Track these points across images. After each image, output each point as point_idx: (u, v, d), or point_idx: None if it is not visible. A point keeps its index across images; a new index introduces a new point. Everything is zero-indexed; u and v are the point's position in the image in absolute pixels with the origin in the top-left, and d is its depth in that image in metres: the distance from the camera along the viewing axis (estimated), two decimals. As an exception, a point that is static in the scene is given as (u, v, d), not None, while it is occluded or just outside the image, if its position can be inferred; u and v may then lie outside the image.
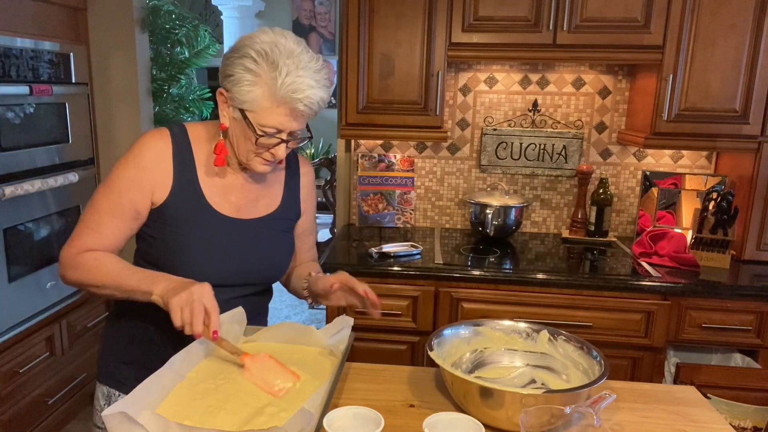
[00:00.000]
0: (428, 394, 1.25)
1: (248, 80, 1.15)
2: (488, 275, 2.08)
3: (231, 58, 1.18)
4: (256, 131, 1.17)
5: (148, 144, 1.23)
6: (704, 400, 1.28)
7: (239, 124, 1.20)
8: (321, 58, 1.22)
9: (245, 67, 1.15)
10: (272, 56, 1.15)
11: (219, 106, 1.22)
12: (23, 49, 2.36)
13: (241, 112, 1.18)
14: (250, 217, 1.30)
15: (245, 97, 1.16)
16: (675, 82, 2.15)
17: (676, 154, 2.55)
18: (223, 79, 1.19)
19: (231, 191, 1.29)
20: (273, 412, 1.02)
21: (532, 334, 1.34)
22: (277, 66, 1.14)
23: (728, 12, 2.09)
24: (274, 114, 1.17)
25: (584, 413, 1.02)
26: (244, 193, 1.31)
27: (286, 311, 4.36)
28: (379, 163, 2.66)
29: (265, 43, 1.16)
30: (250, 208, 1.31)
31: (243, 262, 1.28)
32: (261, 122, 1.17)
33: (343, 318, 1.30)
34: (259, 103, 1.16)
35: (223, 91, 1.20)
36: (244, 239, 1.29)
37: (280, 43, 1.16)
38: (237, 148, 1.24)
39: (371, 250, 2.20)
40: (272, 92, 1.15)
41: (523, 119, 2.58)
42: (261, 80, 1.15)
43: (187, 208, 1.24)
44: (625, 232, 2.63)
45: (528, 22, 2.17)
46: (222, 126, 1.23)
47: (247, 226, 1.29)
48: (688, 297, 2.02)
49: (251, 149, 1.21)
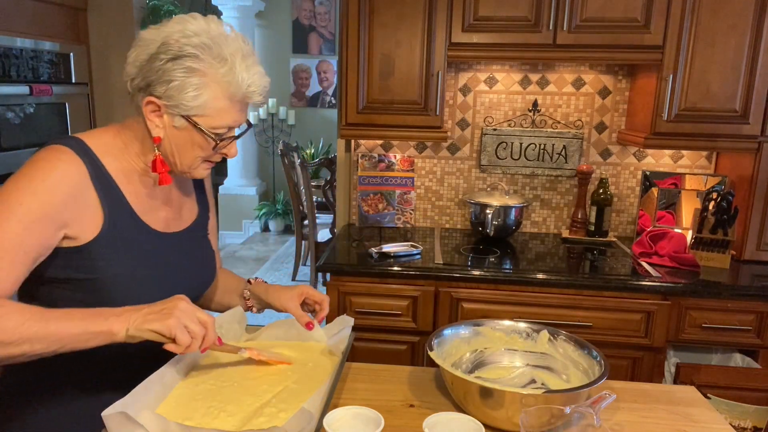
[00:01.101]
0: (428, 394, 1.25)
1: (194, 84, 1.01)
2: (488, 275, 2.08)
3: (160, 60, 1.01)
4: (213, 137, 1.06)
5: (57, 170, 1.00)
6: (704, 400, 1.28)
7: (184, 132, 1.06)
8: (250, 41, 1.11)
9: (187, 69, 1.01)
10: (216, 49, 1.02)
11: (146, 116, 1.05)
12: (23, 49, 2.36)
13: (187, 119, 1.05)
14: (179, 229, 1.20)
15: (193, 103, 1.03)
16: (675, 82, 2.15)
17: (676, 154, 2.55)
18: (153, 86, 1.03)
19: (158, 206, 1.16)
20: (273, 413, 1.02)
21: (532, 334, 1.34)
22: (225, 59, 1.02)
23: (728, 12, 2.09)
24: (228, 113, 1.06)
25: (584, 413, 1.02)
26: (169, 206, 1.19)
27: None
28: (379, 163, 2.66)
29: (200, 36, 1.02)
30: (177, 220, 1.21)
31: (184, 277, 1.18)
32: (214, 125, 1.06)
33: (344, 318, 1.30)
34: (212, 105, 1.04)
35: (155, 99, 1.03)
36: (180, 254, 1.18)
37: (213, 31, 1.03)
38: (179, 158, 1.09)
39: (371, 250, 2.20)
40: (227, 90, 1.04)
41: (523, 119, 2.58)
42: (209, 79, 1.02)
43: (125, 235, 1.08)
44: (625, 232, 2.63)
45: (528, 22, 2.17)
46: (156, 139, 1.07)
47: (179, 239, 1.19)
48: (688, 297, 2.02)
49: (199, 156, 1.10)
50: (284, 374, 1.16)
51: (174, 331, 0.94)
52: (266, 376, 1.15)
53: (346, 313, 1.88)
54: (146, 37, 1.04)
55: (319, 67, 6.62)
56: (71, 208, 1.01)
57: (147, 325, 0.94)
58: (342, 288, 2.10)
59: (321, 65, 6.62)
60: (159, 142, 1.07)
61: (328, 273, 2.14)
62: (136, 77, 1.05)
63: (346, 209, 2.73)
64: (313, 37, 6.55)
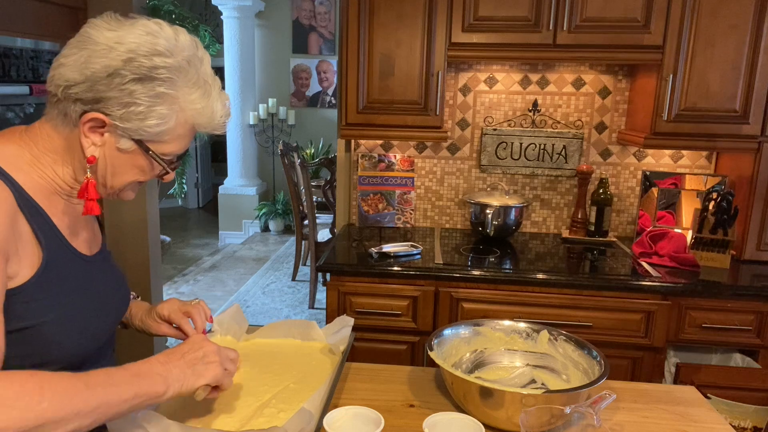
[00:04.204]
0: (428, 394, 1.25)
1: (161, 112, 0.88)
2: (488, 275, 2.08)
3: (123, 78, 0.85)
4: (164, 164, 0.94)
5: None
6: (704, 400, 1.28)
7: (127, 155, 0.91)
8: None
9: (157, 95, 0.87)
10: (192, 73, 0.90)
11: (82, 131, 0.88)
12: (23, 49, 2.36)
13: (139, 143, 0.90)
14: (98, 249, 1.06)
15: (154, 130, 0.89)
16: (675, 82, 2.15)
17: (676, 154, 2.55)
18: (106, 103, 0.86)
19: (80, 227, 1.01)
20: (273, 413, 1.02)
21: (532, 334, 1.34)
22: (199, 86, 0.91)
23: (728, 12, 2.09)
24: (186, 139, 0.94)
25: (584, 413, 1.02)
26: (87, 227, 1.04)
27: (286, 311, 4.36)
28: (379, 163, 2.66)
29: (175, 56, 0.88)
30: (94, 242, 1.06)
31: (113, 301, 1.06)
32: (164, 150, 0.93)
33: (344, 318, 1.30)
34: (173, 132, 0.91)
35: (102, 117, 0.87)
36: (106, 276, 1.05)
37: (186, 50, 0.90)
38: (111, 180, 0.94)
39: (371, 250, 2.20)
40: (194, 119, 0.92)
41: (523, 119, 2.58)
42: (179, 107, 0.90)
43: (61, 268, 0.92)
44: (625, 232, 2.63)
45: (528, 22, 2.17)
46: (91, 159, 0.89)
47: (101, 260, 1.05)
48: (688, 297, 2.02)
49: (137, 179, 0.95)
50: (284, 374, 1.16)
51: (222, 380, 0.94)
52: (266, 375, 1.15)
53: (346, 313, 1.88)
54: (100, 41, 0.87)
55: (319, 67, 6.63)
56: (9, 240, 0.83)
57: (199, 381, 0.91)
58: (342, 288, 2.11)
59: (321, 65, 6.62)
60: (94, 162, 0.90)
61: (328, 273, 2.14)
62: (78, 85, 0.86)
63: (346, 209, 2.73)
64: (313, 37, 6.55)
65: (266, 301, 4.55)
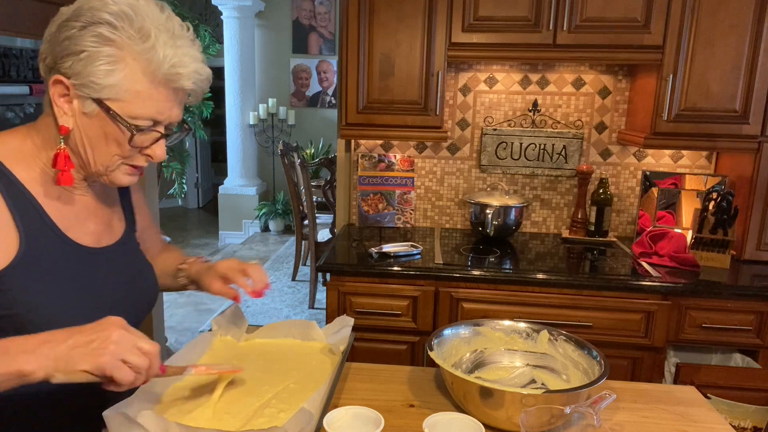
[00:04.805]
0: (428, 394, 1.25)
1: (107, 55, 0.85)
2: (488, 275, 2.08)
3: (70, 28, 0.86)
4: (127, 126, 0.89)
5: None
6: (704, 400, 1.28)
7: (95, 120, 0.89)
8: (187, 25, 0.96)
9: (100, 37, 0.85)
10: (138, 21, 0.87)
11: (53, 100, 0.89)
12: (23, 49, 2.36)
13: (99, 104, 0.88)
14: (111, 242, 1.05)
15: (105, 81, 0.86)
16: (675, 82, 2.15)
17: (676, 154, 2.55)
18: (60, 61, 0.87)
19: (86, 217, 1.00)
20: (273, 413, 1.02)
21: (532, 334, 1.34)
22: (148, 34, 0.87)
23: (728, 12, 2.09)
24: (151, 99, 0.89)
25: (584, 413, 1.02)
26: (99, 217, 1.03)
27: (286, 311, 4.36)
28: (379, 163, 2.66)
29: (119, 4, 0.87)
30: (108, 233, 1.05)
31: (123, 298, 1.05)
32: (132, 112, 0.89)
33: (344, 318, 1.30)
34: (128, 86, 0.87)
35: (62, 78, 0.87)
36: (116, 270, 1.04)
37: (140, 5, 0.89)
38: (92, 155, 0.92)
39: (371, 250, 2.20)
40: (146, 68, 0.87)
41: (523, 119, 2.58)
42: (126, 54, 0.86)
43: (48, 256, 0.92)
44: (625, 232, 2.63)
45: (528, 22, 2.17)
46: (63, 129, 0.90)
47: (112, 253, 1.04)
48: (688, 297, 2.02)
49: (116, 154, 0.92)
50: (284, 374, 1.16)
51: (110, 372, 0.79)
52: (266, 375, 1.15)
53: (346, 313, 1.88)
54: (63, 9, 0.90)
55: (319, 67, 6.63)
56: None
57: (77, 366, 0.78)
58: (342, 288, 2.10)
59: (321, 65, 6.62)
60: (66, 133, 0.90)
61: (328, 273, 2.14)
62: (47, 55, 0.89)
63: (346, 209, 2.73)
64: (313, 37, 6.55)
65: (266, 301, 4.55)
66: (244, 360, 1.20)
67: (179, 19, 0.93)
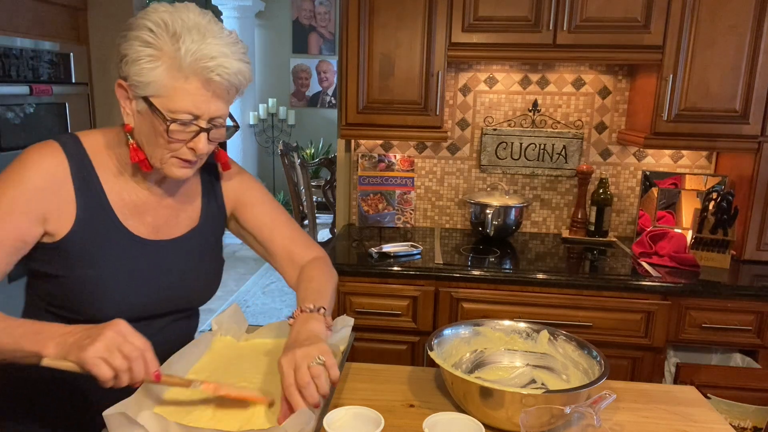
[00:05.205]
0: (428, 394, 1.25)
1: (148, 55, 0.96)
2: (488, 275, 2.08)
3: (124, 37, 1.00)
4: (165, 117, 0.98)
5: (35, 163, 1.00)
6: (704, 400, 1.28)
7: (146, 117, 1.00)
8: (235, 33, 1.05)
9: (142, 41, 0.97)
10: (173, 26, 0.97)
11: (121, 103, 1.02)
12: (23, 49, 2.36)
13: (146, 101, 0.99)
14: (170, 237, 1.13)
15: (147, 78, 0.97)
16: (675, 82, 2.15)
17: (676, 154, 2.55)
18: (120, 66, 1.00)
19: (146, 210, 1.10)
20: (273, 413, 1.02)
21: (532, 334, 1.34)
22: (179, 36, 0.96)
23: (728, 12, 2.09)
24: (185, 93, 0.97)
25: (584, 413, 1.02)
26: (161, 212, 1.12)
27: (286, 311, 4.36)
28: (379, 163, 2.66)
29: (163, 13, 0.98)
30: (169, 228, 1.13)
31: (168, 288, 1.12)
32: (171, 107, 0.98)
33: (344, 318, 1.30)
34: (166, 82, 0.97)
35: (122, 81, 1.00)
36: (167, 263, 1.12)
37: (182, 15, 0.99)
38: (148, 150, 1.03)
39: (371, 250, 2.20)
40: (177, 64, 0.96)
41: (523, 119, 2.58)
42: (163, 54, 0.96)
43: (99, 235, 1.04)
44: (625, 232, 2.63)
45: (528, 22, 2.17)
46: (127, 127, 1.03)
47: (167, 247, 1.12)
48: (688, 297, 2.02)
49: (164, 147, 1.01)
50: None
51: (89, 367, 0.84)
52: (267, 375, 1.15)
53: (346, 313, 1.88)
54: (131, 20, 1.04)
55: (319, 67, 6.63)
56: (48, 201, 1.00)
57: (68, 356, 0.85)
58: (342, 288, 2.11)
59: (321, 65, 6.62)
60: (130, 130, 1.03)
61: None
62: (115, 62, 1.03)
63: (346, 209, 2.73)
64: (313, 37, 6.55)
65: (266, 301, 4.55)
66: (245, 360, 1.20)
67: (221, 24, 1.03)
